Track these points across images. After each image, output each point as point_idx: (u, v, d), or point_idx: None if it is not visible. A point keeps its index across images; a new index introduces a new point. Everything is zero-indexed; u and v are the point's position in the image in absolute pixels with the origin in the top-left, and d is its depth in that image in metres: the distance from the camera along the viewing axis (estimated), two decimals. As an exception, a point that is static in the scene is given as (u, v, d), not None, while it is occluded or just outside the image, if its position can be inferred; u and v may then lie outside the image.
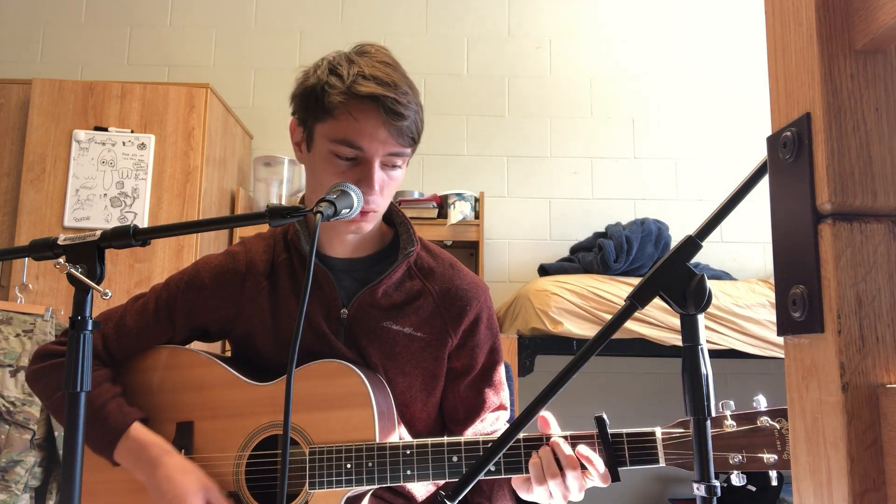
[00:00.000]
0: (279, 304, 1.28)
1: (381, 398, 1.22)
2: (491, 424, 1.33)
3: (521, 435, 1.14)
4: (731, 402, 1.08)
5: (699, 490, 0.69)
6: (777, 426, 1.07)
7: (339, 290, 1.28)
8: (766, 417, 1.08)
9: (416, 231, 1.33)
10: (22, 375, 2.33)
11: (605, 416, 1.13)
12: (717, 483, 0.68)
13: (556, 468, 1.10)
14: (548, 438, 1.14)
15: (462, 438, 1.17)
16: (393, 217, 1.35)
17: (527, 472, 1.13)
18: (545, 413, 1.15)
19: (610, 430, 1.12)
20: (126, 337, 1.28)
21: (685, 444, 1.10)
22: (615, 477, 1.10)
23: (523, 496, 1.18)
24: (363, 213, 1.18)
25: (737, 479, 1.05)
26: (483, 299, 1.33)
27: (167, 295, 1.30)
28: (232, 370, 1.25)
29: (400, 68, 1.21)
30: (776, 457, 1.06)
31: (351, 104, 1.15)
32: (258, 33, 3.47)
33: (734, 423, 1.09)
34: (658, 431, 1.12)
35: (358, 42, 1.24)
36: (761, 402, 1.09)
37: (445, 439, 1.17)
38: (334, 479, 1.16)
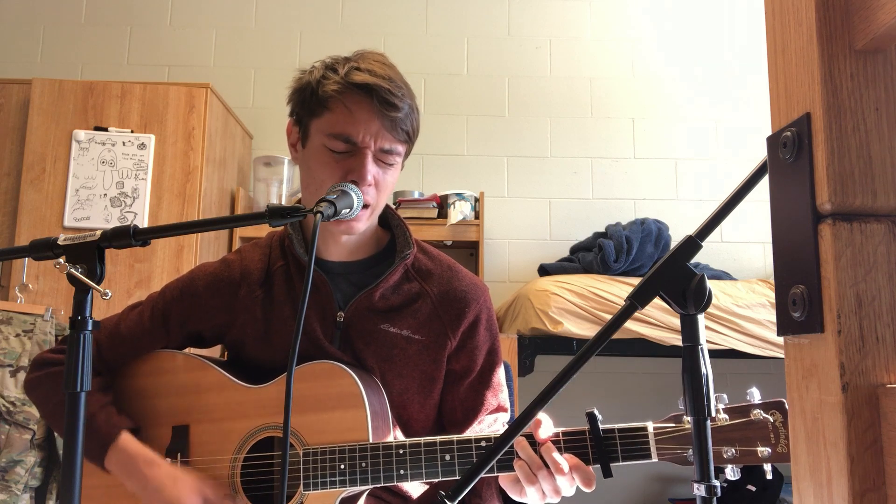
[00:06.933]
0: (273, 311, 1.28)
1: (374, 398, 1.21)
2: (489, 426, 1.32)
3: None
4: (724, 396, 1.07)
5: (699, 490, 0.68)
6: (770, 419, 1.05)
7: (336, 294, 1.28)
8: (759, 410, 1.06)
9: (412, 233, 1.33)
10: (22, 375, 2.33)
11: (596, 412, 1.11)
12: (717, 483, 0.68)
13: (539, 461, 1.09)
14: (530, 436, 1.12)
15: (454, 437, 1.17)
16: (389, 220, 1.35)
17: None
18: (541, 415, 1.13)
19: (602, 426, 1.11)
20: (121, 345, 1.28)
21: (677, 439, 1.09)
22: (607, 473, 1.09)
23: (516, 498, 1.16)
24: None
25: (731, 473, 1.04)
26: (482, 301, 1.32)
27: (163, 303, 1.30)
28: (226, 373, 1.25)
29: (396, 69, 1.24)
30: (770, 449, 1.04)
31: (345, 94, 1.17)
32: (258, 33, 3.47)
33: (727, 417, 1.07)
34: (650, 426, 1.11)
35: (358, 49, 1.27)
36: (755, 395, 1.07)
37: (438, 438, 1.16)
38: (328, 479, 1.16)
